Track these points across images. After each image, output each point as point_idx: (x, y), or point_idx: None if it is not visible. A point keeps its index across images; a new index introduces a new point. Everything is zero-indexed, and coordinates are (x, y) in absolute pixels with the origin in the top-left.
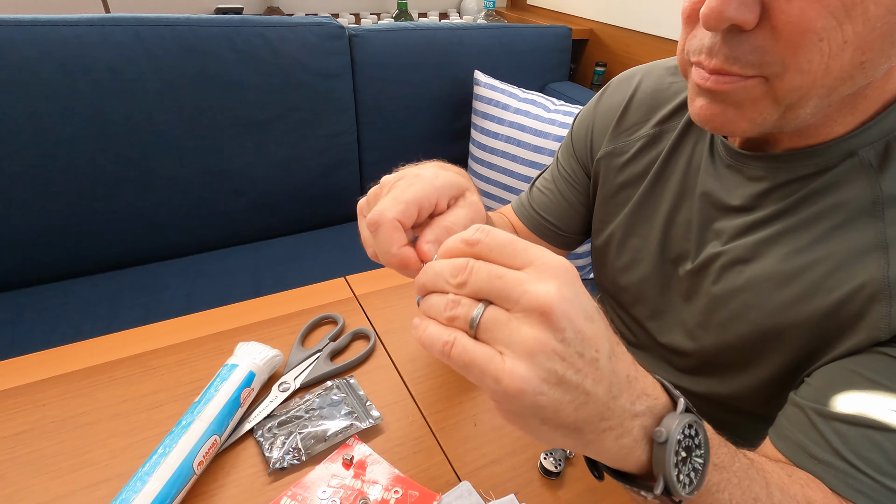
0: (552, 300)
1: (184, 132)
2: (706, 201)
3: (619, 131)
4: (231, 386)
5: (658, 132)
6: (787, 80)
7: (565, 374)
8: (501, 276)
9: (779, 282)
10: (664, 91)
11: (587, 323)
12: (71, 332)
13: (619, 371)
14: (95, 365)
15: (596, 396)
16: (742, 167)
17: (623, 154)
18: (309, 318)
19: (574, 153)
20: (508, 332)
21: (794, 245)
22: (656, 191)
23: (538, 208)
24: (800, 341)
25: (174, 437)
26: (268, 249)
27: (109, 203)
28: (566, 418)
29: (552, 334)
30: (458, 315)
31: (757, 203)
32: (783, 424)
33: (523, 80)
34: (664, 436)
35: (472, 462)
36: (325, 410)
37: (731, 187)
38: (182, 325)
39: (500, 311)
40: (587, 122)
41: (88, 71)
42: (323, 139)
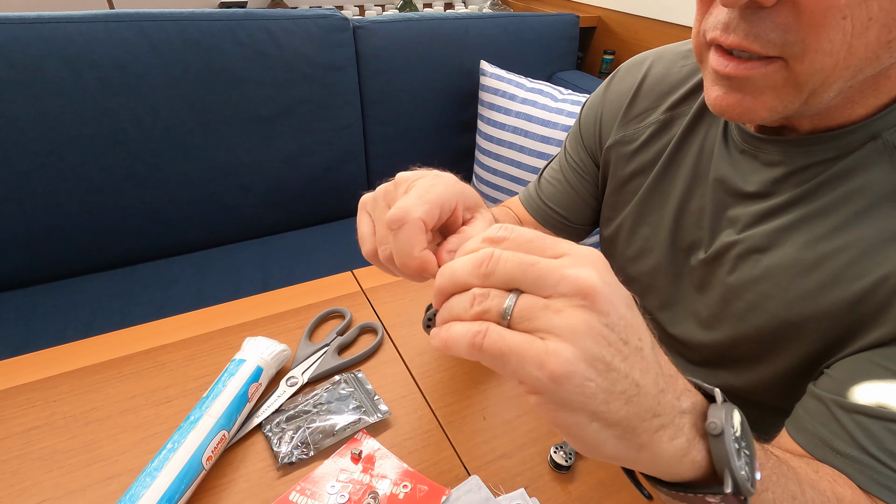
0: (595, 282)
1: (190, 128)
2: (720, 188)
3: (628, 118)
4: (239, 381)
5: (669, 118)
6: (808, 61)
7: (613, 361)
8: (535, 263)
9: (798, 271)
10: (675, 75)
11: (629, 310)
12: (83, 329)
13: (663, 364)
14: (105, 361)
15: (646, 388)
16: (758, 152)
17: (633, 142)
18: (316, 313)
19: (582, 142)
20: (549, 316)
21: (814, 233)
22: (667, 178)
23: (546, 199)
24: (820, 332)
25: (183, 433)
26: (276, 244)
27: (118, 200)
28: (618, 412)
29: (597, 317)
30: (489, 307)
31: (773, 189)
32: (802, 417)
33: (530, 70)
34: (719, 427)
35: (481, 456)
36: (333, 405)
37: (745, 173)
38: (190, 320)
39: (536, 298)
40: (596, 109)
41: (95, 67)
42: (329, 132)
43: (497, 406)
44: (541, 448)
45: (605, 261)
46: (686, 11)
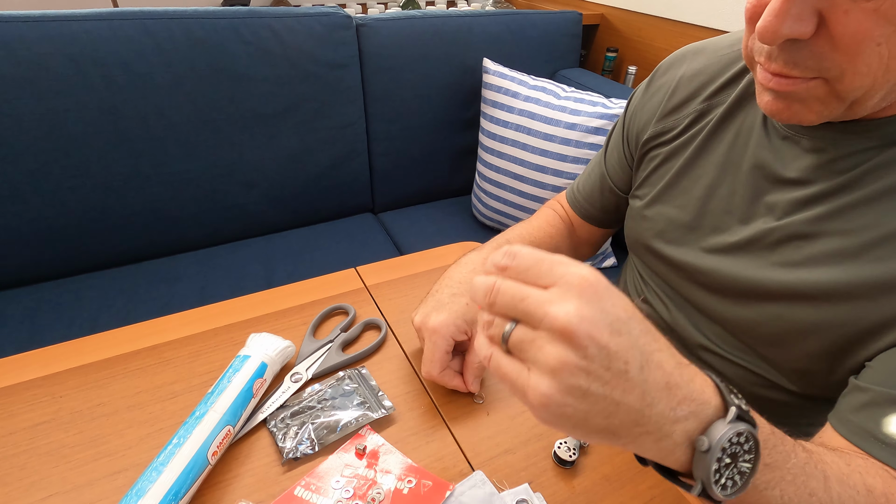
0: (571, 321)
1: (194, 126)
2: (758, 174)
3: (666, 111)
4: (244, 377)
5: (707, 107)
6: (847, 82)
7: (590, 388)
8: (524, 299)
9: (840, 259)
10: (714, 66)
11: (613, 337)
12: (88, 326)
13: (655, 380)
14: (111, 357)
15: (627, 405)
16: (801, 138)
17: (670, 132)
18: (320, 309)
19: (624, 137)
20: (534, 351)
21: (856, 222)
22: (698, 163)
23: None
24: (854, 316)
25: (188, 428)
26: (279, 241)
27: (123, 197)
28: (597, 425)
29: (574, 352)
30: (493, 334)
31: (816, 176)
32: (846, 409)
33: (533, 68)
34: (706, 445)
35: (485, 451)
36: (337, 401)
37: (787, 159)
38: (195, 316)
39: (527, 331)
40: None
41: (99, 65)
42: (332, 130)
43: (501, 402)
44: (545, 443)
45: (596, 285)
46: (688, 9)
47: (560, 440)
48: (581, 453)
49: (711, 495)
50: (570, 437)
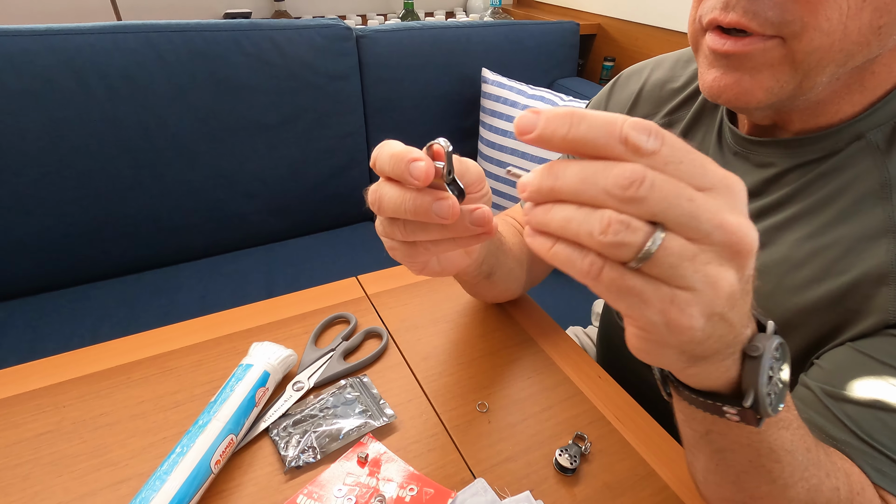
0: (752, 240)
1: (196, 136)
2: None
3: None
4: (246, 386)
5: (668, 122)
6: (806, 39)
7: (729, 314)
8: (693, 199)
9: (789, 267)
10: (674, 82)
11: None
12: (89, 336)
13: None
14: (113, 367)
15: (737, 329)
16: (749, 154)
17: None
18: (322, 318)
19: None
20: (693, 270)
21: (803, 231)
22: None
23: None
24: (809, 326)
25: (191, 437)
26: (280, 251)
27: (125, 207)
28: (706, 350)
29: (738, 277)
30: (627, 242)
31: (765, 189)
32: (796, 405)
33: (531, 77)
34: (759, 350)
35: (486, 459)
36: (339, 409)
37: (738, 174)
38: (197, 326)
39: (684, 243)
40: None
41: (102, 78)
42: (332, 140)
43: (502, 410)
44: (546, 451)
45: (745, 191)
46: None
47: (561, 448)
48: (582, 461)
49: (760, 406)
50: (654, 357)
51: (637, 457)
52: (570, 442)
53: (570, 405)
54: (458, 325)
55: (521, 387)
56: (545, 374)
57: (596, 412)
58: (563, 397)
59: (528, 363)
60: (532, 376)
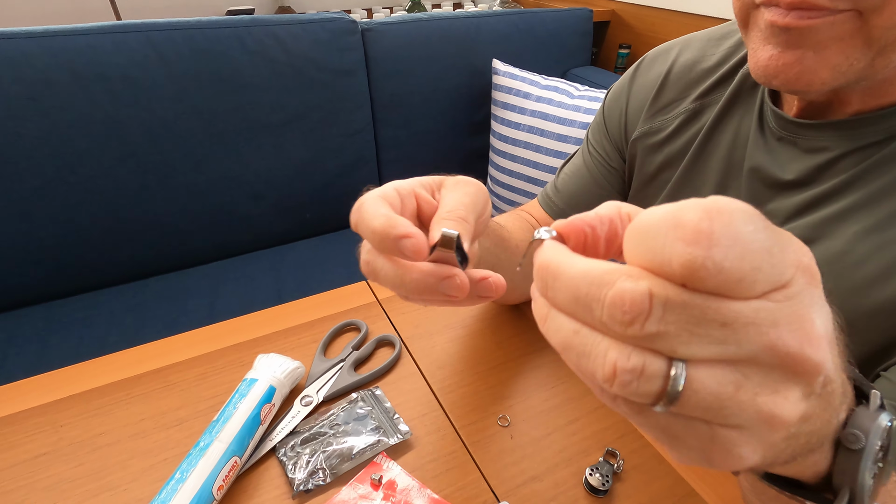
0: (820, 358)
1: (201, 138)
2: (755, 178)
3: (655, 109)
4: (250, 402)
5: (699, 106)
6: (888, 13)
7: (800, 430)
8: (729, 323)
9: (850, 264)
10: (706, 62)
11: (834, 353)
12: (97, 345)
13: (840, 385)
14: (114, 382)
15: (821, 432)
16: (797, 138)
17: (660, 133)
18: (331, 326)
19: (607, 133)
20: (737, 407)
21: (864, 223)
22: (697, 170)
23: (568, 198)
24: (875, 331)
25: (192, 461)
26: (289, 253)
27: (130, 212)
28: (777, 461)
29: (806, 391)
30: (640, 392)
31: (817, 176)
32: None
33: (543, 68)
34: (860, 441)
35: (510, 479)
36: (350, 426)
37: (784, 161)
38: (201, 336)
39: (720, 375)
40: (620, 100)
41: (103, 80)
42: (340, 138)
43: (525, 423)
44: (574, 469)
45: (818, 277)
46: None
47: (591, 466)
48: (615, 480)
49: None
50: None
51: (675, 475)
52: (601, 459)
53: (598, 417)
54: (474, 331)
55: (545, 397)
56: (569, 382)
57: (627, 424)
58: (591, 408)
59: (551, 371)
60: (556, 385)
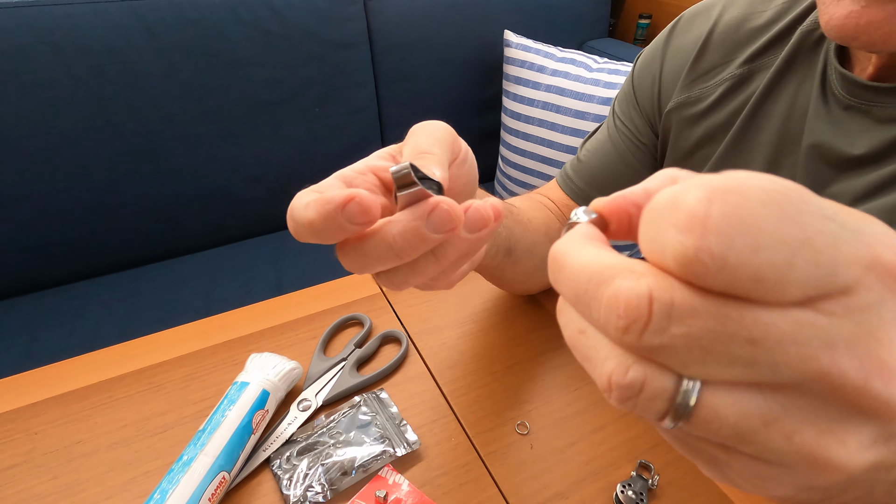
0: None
1: (192, 117)
2: (816, 155)
3: (694, 76)
4: (241, 410)
5: (747, 72)
6: None
7: (875, 478)
8: (758, 340)
9: None
10: (755, 20)
11: None
12: (88, 336)
13: None
14: (96, 383)
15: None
16: (870, 106)
17: (700, 102)
18: (331, 320)
19: (637, 104)
20: (770, 440)
21: None
22: (745, 145)
23: (590, 177)
24: None
25: (173, 478)
26: (289, 239)
27: (120, 198)
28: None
29: (876, 433)
30: (641, 407)
31: (893, 151)
32: None
33: (558, 40)
34: None
35: (531, 496)
36: (352, 434)
37: (853, 133)
38: (192, 332)
39: (747, 403)
40: (653, 65)
41: (85, 54)
42: (342, 117)
43: (546, 431)
44: (603, 485)
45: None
46: None
47: (623, 482)
48: (649, 497)
49: None
50: None
51: (715, 490)
52: (634, 474)
53: (628, 424)
54: (488, 326)
55: (567, 401)
56: (593, 384)
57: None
58: (619, 414)
59: (573, 370)
60: (579, 387)
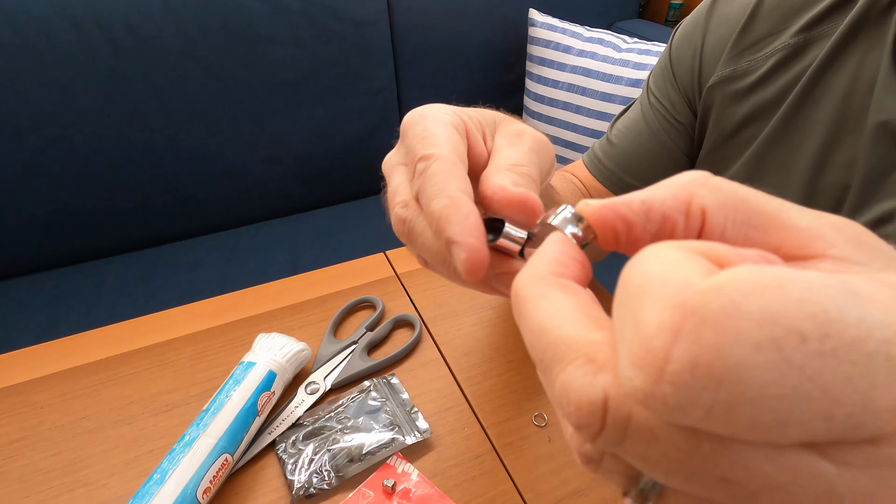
0: None
1: (210, 96)
2: (884, 134)
3: (742, 47)
4: (246, 390)
5: (802, 41)
6: None
7: None
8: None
9: None
10: None
11: None
12: (105, 314)
13: None
14: (104, 358)
15: None
16: None
17: (747, 76)
18: (343, 302)
19: (675, 80)
20: None
21: None
22: (797, 123)
23: (620, 161)
24: None
25: (173, 458)
26: (305, 221)
27: (138, 176)
28: None
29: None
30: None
31: None
32: None
33: (585, 20)
34: None
35: (548, 492)
36: (360, 420)
37: None
38: (202, 310)
39: None
40: (695, 37)
41: (103, 29)
42: (361, 98)
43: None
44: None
45: None
46: None
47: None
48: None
49: None
50: None
51: None
52: None
53: None
54: (505, 312)
55: None
56: None
57: None
58: None
59: None
60: None
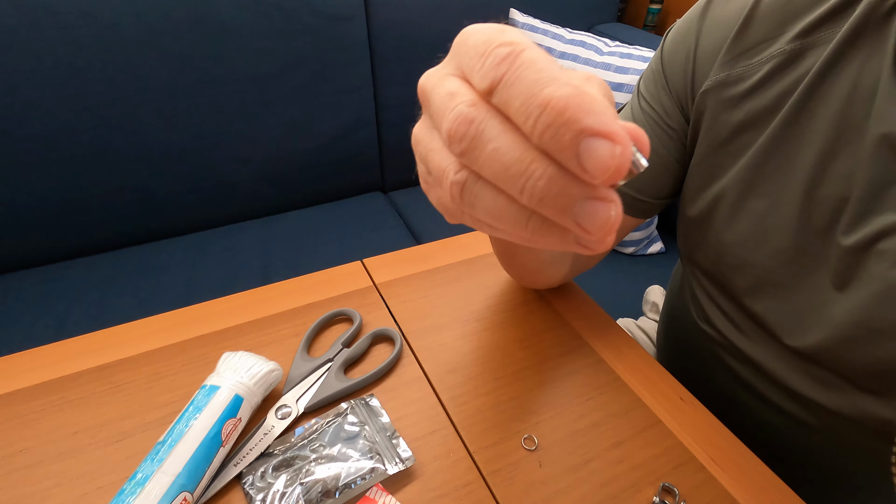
0: None
1: (174, 89)
2: (886, 146)
3: (737, 51)
4: (209, 418)
5: (799, 48)
6: None
7: None
8: None
9: None
10: None
11: None
12: (54, 324)
13: None
14: (48, 381)
15: None
16: None
17: (742, 82)
18: (317, 315)
19: (666, 84)
20: None
21: None
22: (795, 131)
23: None
24: None
25: (122, 501)
26: (277, 224)
27: (94, 174)
28: None
29: None
30: None
31: None
32: None
33: (565, 23)
34: None
35: None
36: (336, 448)
37: None
38: (159, 325)
39: None
40: (688, 40)
41: (53, 14)
42: (335, 95)
43: (556, 447)
44: None
45: None
46: None
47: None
48: None
49: None
50: None
51: None
52: (656, 499)
53: (648, 440)
54: (491, 325)
55: (580, 412)
56: (609, 393)
57: (683, 451)
58: (638, 428)
59: (586, 378)
60: (594, 397)
